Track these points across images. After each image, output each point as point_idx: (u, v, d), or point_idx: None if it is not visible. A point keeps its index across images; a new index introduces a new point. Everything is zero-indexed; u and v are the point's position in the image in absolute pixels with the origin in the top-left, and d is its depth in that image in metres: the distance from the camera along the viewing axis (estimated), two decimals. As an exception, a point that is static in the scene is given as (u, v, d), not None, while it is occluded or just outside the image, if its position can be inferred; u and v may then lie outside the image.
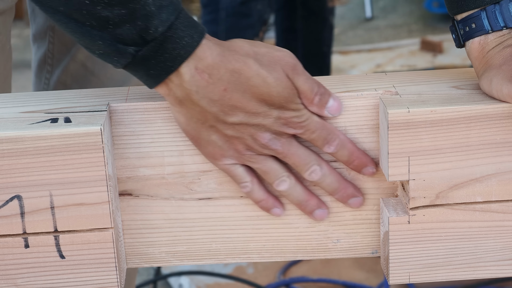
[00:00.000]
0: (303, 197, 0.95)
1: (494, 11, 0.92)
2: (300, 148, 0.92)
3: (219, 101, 0.87)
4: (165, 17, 0.84)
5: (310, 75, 0.91)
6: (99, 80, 1.31)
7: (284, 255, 0.99)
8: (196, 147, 0.92)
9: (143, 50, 0.84)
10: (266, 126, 0.89)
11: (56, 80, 1.32)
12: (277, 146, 0.90)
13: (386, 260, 0.95)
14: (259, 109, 0.88)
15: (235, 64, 0.87)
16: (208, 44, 0.86)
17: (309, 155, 0.92)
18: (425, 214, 0.92)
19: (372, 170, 0.94)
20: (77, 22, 0.83)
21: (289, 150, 0.91)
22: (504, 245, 0.94)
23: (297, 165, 0.92)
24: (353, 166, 0.94)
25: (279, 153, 0.91)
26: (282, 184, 0.93)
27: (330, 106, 0.92)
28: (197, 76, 0.86)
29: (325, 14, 3.12)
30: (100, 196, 0.90)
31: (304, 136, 0.91)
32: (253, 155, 0.91)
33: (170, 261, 0.99)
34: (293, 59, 0.90)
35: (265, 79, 0.87)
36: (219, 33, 2.88)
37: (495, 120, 0.89)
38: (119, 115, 0.93)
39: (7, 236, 0.91)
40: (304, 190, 0.94)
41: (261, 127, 0.89)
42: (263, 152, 0.91)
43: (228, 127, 0.89)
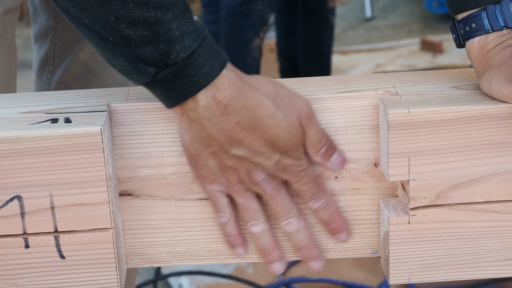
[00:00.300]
0: (269, 245, 0.96)
1: (494, 11, 0.92)
2: (286, 196, 0.93)
3: (229, 132, 0.88)
4: (188, 44, 0.84)
5: (321, 127, 0.93)
6: (101, 80, 1.31)
7: (284, 256, 0.99)
8: (190, 165, 0.93)
9: (163, 73, 0.85)
10: (265, 167, 0.90)
11: (57, 80, 1.32)
12: (268, 187, 0.92)
13: (386, 260, 0.95)
14: (264, 150, 0.89)
15: (253, 101, 0.87)
16: (229, 76, 0.87)
17: (292, 207, 0.94)
18: (425, 214, 0.92)
19: (345, 238, 0.97)
20: (100, 36, 0.84)
21: (276, 195, 0.92)
22: (504, 245, 0.94)
23: (278, 211, 0.94)
24: (329, 228, 0.96)
25: (266, 194, 0.92)
26: (256, 226, 0.95)
27: (334, 159, 0.93)
28: (213, 105, 0.86)
29: (326, 14, 3.12)
30: (100, 196, 0.90)
31: (295, 185, 0.93)
32: (241, 189, 0.92)
33: (170, 261, 0.99)
34: (310, 108, 0.91)
35: (279, 122, 0.88)
36: (219, 33, 2.88)
37: (495, 121, 0.89)
38: (119, 116, 0.93)
39: (7, 237, 0.91)
40: (272, 239, 0.96)
41: (259, 166, 0.90)
42: (252, 188, 0.92)
43: (228, 158, 0.90)
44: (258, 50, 2.93)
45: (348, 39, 4.74)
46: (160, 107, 0.93)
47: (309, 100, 0.92)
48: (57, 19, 1.29)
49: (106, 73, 1.31)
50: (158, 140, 0.94)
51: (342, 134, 0.95)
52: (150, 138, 0.94)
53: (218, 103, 0.86)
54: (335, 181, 0.96)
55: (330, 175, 0.96)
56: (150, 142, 0.94)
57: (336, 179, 0.96)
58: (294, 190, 0.94)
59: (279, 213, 0.94)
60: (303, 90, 0.94)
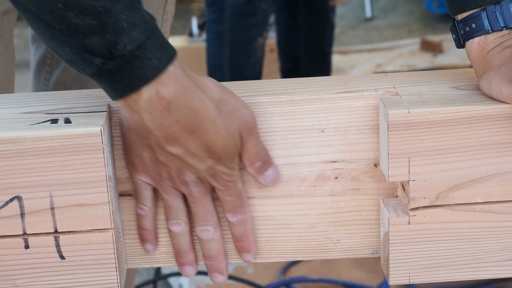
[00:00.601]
0: (185, 247, 0.96)
1: (494, 11, 0.92)
2: (210, 204, 0.93)
3: (167, 129, 0.87)
4: (135, 36, 0.83)
5: (262, 141, 0.93)
6: None
7: (284, 256, 0.99)
8: (123, 150, 0.93)
9: (109, 64, 0.84)
10: (197, 170, 0.90)
11: (55, 81, 1.32)
12: (195, 190, 0.91)
13: (386, 261, 0.95)
14: (199, 153, 0.89)
15: (197, 102, 0.87)
16: (176, 72, 0.86)
17: (213, 215, 0.94)
18: (425, 215, 0.92)
19: (250, 259, 0.97)
20: (46, 25, 0.83)
21: (201, 199, 0.92)
22: (504, 245, 0.94)
23: (198, 215, 0.94)
24: (239, 245, 0.96)
25: (192, 196, 0.92)
26: (176, 226, 0.94)
27: (268, 175, 0.93)
28: (155, 100, 0.86)
29: (327, 12, 3.12)
30: (100, 197, 0.89)
31: (221, 193, 0.93)
32: (169, 186, 0.92)
33: (170, 262, 0.99)
34: (253, 120, 0.91)
35: (218, 129, 0.88)
36: (223, 32, 2.88)
37: (495, 121, 0.89)
38: (119, 116, 0.93)
39: (7, 237, 0.90)
40: (190, 242, 0.96)
41: (191, 168, 0.90)
42: (180, 188, 0.92)
43: (163, 154, 0.89)
44: (261, 49, 2.94)
45: (348, 39, 4.74)
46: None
47: (253, 112, 0.91)
48: None
49: None
50: (158, 140, 0.94)
51: (342, 134, 0.94)
52: (150, 138, 0.94)
53: (161, 99, 0.85)
54: (335, 181, 0.96)
55: (330, 175, 0.96)
56: (150, 142, 0.94)
57: (336, 179, 0.96)
58: (217, 199, 0.94)
59: (199, 217, 0.94)
60: (303, 90, 0.94)
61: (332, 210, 0.97)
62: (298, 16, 3.10)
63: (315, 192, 0.96)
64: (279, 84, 0.98)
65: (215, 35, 2.90)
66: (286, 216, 0.97)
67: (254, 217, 0.97)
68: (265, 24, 2.92)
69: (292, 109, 0.94)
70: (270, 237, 0.98)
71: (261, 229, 0.98)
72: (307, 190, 0.96)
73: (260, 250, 0.99)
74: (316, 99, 0.93)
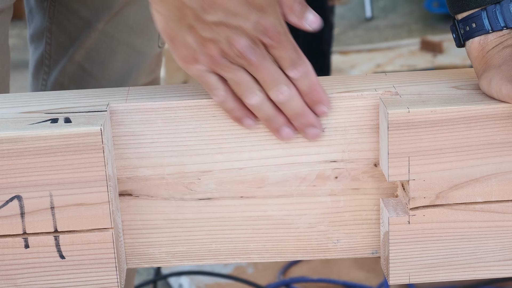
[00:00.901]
0: (272, 112, 0.92)
1: (494, 11, 0.93)
2: (273, 65, 0.89)
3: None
4: None
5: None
6: (96, 81, 1.31)
7: (284, 256, 0.99)
8: (170, 48, 0.90)
9: None
10: (245, 30, 0.86)
11: (53, 81, 1.32)
12: (252, 55, 0.88)
13: (386, 260, 0.95)
14: (239, 9, 0.85)
15: None
16: None
17: (280, 74, 0.90)
18: (425, 214, 0.92)
19: (325, 110, 0.93)
20: None
21: (262, 63, 0.89)
22: (504, 245, 0.94)
23: (266, 81, 0.90)
24: (309, 100, 0.92)
25: (252, 63, 0.88)
26: (253, 97, 0.90)
27: (310, 18, 0.90)
28: None
29: (326, 13, 3.13)
30: (100, 196, 0.90)
31: (275, 51, 0.89)
32: (226, 63, 0.88)
33: (170, 262, 0.99)
34: None
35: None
36: None
37: (495, 120, 0.89)
38: (119, 115, 0.93)
39: (7, 236, 0.91)
40: (273, 106, 0.92)
41: (239, 31, 0.86)
42: (237, 61, 0.88)
43: (205, 28, 0.86)
44: None
45: (348, 39, 4.74)
46: (160, 107, 0.93)
47: None
48: (51, 20, 1.29)
49: (101, 74, 1.31)
50: (158, 140, 0.94)
51: (342, 134, 0.95)
52: (149, 138, 0.94)
53: None
54: (335, 181, 0.96)
55: (330, 175, 0.96)
56: (150, 142, 0.94)
57: (336, 179, 0.96)
58: (273, 58, 0.90)
59: (269, 82, 0.90)
60: (303, 90, 0.94)
61: (332, 209, 0.97)
62: (297, 16, 3.10)
63: (315, 191, 0.96)
64: (279, 83, 0.97)
65: None
66: (286, 215, 0.97)
67: (256, 217, 0.97)
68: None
69: (292, 109, 0.94)
70: (270, 237, 0.98)
71: (260, 228, 0.98)
72: (307, 190, 0.96)
73: (260, 250, 0.99)
74: (316, 99, 0.93)
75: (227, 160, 0.95)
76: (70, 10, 1.27)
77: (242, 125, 0.93)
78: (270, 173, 0.96)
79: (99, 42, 1.28)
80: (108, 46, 1.28)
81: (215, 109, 0.93)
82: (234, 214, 0.97)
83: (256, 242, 0.98)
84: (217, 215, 0.97)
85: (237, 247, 0.98)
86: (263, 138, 0.94)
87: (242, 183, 0.96)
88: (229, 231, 0.97)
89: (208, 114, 0.94)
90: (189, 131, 0.94)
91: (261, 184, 0.96)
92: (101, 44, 1.28)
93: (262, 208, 0.97)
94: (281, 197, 0.96)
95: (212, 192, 0.96)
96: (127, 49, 1.29)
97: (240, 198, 0.97)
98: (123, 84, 1.30)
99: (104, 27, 1.27)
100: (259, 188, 0.96)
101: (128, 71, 1.30)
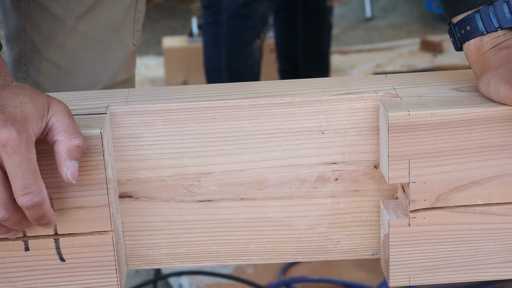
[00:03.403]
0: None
1: (487, 12, 0.93)
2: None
3: None
4: None
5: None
6: (73, 80, 1.29)
7: (284, 257, 0.99)
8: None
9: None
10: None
11: (32, 81, 1.30)
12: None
13: (387, 262, 0.95)
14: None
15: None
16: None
17: (7, 195, 0.82)
18: (425, 217, 0.92)
19: (50, 227, 0.87)
20: None
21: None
22: (505, 247, 0.94)
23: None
24: (37, 224, 0.85)
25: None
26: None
27: (71, 170, 0.84)
28: None
29: (325, 13, 3.12)
30: (100, 199, 0.89)
31: (8, 162, 0.82)
32: None
33: (170, 263, 0.99)
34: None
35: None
36: (220, 34, 2.88)
37: (496, 123, 0.89)
38: (119, 118, 0.93)
39: (7, 239, 0.90)
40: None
41: None
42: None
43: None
44: (259, 51, 2.93)
45: (348, 39, 4.74)
46: (160, 109, 0.93)
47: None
48: (26, 18, 1.28)
49: (77, 71, 1.30)
50: (158, 142, 0.94)
51: (342, 136, 0.94)
52: (149, 140, 0.94)
53: None
54: (335, 182, 0.96)
55: (330, 177, 0.96)
56: (150, 144, 0.94)
57: (336, 181, 0.96)
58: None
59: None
60: (303, 92, 0.95)
61: (332, 211, 0.97)
62: (296, 17, 3.10)
63: (315, 193, 0.96)
64: (279, 85, 0.98)
65: (212, 38, 2.90)
66: (286, 217, 0.97)
67: (256, 219, 0.97)
68: (263, 26, 2.92)
69: (292, 111, 0.94)
70: (270, 239, 0.98)
71: (261, 230, 0.98)
72: (307, 192, 0.96)
73: (260, 252, 0.99)
74: (316, 101, 0.93)
75: (227, 162, 0.95)
76: (44, 7, 1.26)
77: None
78: (270, 175, 0.96)
79: (73, 40, 1.27)
80: (82, 43, 1.28)
81: (215, 111, 0.93)
82: (234, 216, 0.97)
83: (256, 244, 0.98)
84: (217, 217, 0.97)
85: (237, 248, 0.98)
86: (263, 140, 0.94)
87: (242, 185, 0.96)
88: (229, 233, 0.97)
89: (208, 116, 0.94)
90: (189, 133, 0.94)
91: (261, 186, 0.96)
92: (75, 42, 1.27)
93: (262, 210, 0.97)
94: (281, 199, 0.96)
95: (212, 194, 0.96)
96: (101, 47, 1.29)
97: (240, 200, 0.97)
98: (99, 82, 1.29)
99: (78, 24, 1.26)
100: (259, 190, 0.96)
101: (104, 68, 1.30)
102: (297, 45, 3.12)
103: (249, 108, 0.93)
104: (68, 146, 0.84)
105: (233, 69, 2.85)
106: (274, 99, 0.94)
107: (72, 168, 0.83)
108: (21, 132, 0.81)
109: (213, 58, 2.91)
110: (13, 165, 0.81)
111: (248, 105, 0.93)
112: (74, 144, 0.84)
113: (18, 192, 0.81)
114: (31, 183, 0.81)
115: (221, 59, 2.87)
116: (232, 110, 0.94)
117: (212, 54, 2.91)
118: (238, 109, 0.94)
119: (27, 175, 0.81)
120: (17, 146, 0.81)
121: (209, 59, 2.93)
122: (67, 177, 0.83)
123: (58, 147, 0.84)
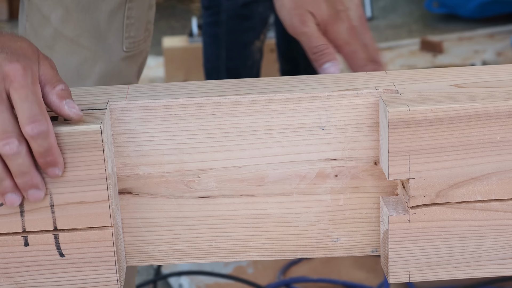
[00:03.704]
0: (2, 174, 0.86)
1: None
2: (4, 112, 0.84)
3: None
4: None
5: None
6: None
7: (284, 254, 0.99)
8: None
9: None
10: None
11: None
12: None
13: (386, 259, 0.95)
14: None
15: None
16: None
17: (12, 125, 0.84)
18: (425, 213, 0.92)
19: (58, 173, 0.88)
20: None
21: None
22: (504, 244, 0.94)
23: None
24: (43, 160, 0.86)
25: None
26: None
27: (71, 104, 0.88)
28: None
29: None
30: (100, 194, 0.89)
31: (15, 94, 0.84)
32: None
33: (169, 259, 0.99)
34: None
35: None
36: (220, 35, 2.88)
37: (496, 119, 0.89)
38: (119, 113, 0.93)
39: (6, 235, 0.90)
40: (2, 165, 0.85)
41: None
42: None
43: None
44: (259, 52, 2.94)
45: (348, 39, 4.74)
46: (160, 105, 0.93)
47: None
48: (27, 17, 1.28)
49: (64, 75, 1.28)
50: (158, 138, 0.94)
51: (342, 132, 0.94)
52: (149, 136, 0.94)
53: None
54: (335, 179, 0.96)
55: (330, 173, 0.96)
56: (149, 140, 0.94)
57: (336, 177, 0.96)
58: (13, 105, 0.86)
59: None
60: (303, 88, 0.95)
61: (332, 208, 0.97)
62: (297, 17, 3.10)
63: (315, 190, 0.96)
64: (279, 82, 0.98)
65: (211, 38, 2.91)
66: (286, 214, 0.97)
67: (256, 215, 0.97)
68: (263, 27, 2.92)
69: (292, 107, 0.94)
70: (270, 235, 0.98)
71: (260, 227, 0.98)
72: (307, 188, 0.96)
73: (260, 248, 0.99)
74: (316, 97, 0.93)
75: (227, 158, 0.95)
76: (37, 7, 1.26)
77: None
78: (270, 171, 0.96)
79: (57, 43, 1.26)
80: (69, 47, 1.27)
81: (215, 107, 0.93)
82: (234, 212, 0.97)
83: (256, 240, 0.98)
84: (217, 213, 0.97)
85: (236, 245, 0.98)
86: (263, 136, 0.94)
87: (242, 181, 0.96)
88: (229, 229, 0.97)
89: (208, 112, 0.94)
90: (189, 129, 0.94)
91: (261, 182, 0.96)
92: (62, 46, 1.27)
93: (262, 206, 0.97)
94: (281, 195, 0.96)
95: (212, 190, 0.96)
96: (88, 53, 1.28)
97: (240, 196, 0.96)
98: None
99: (63, 29, 1.26)
100: (259, 186, 0.96)
101: (92, 75, 1.28)
102: (298, 45, 3.12)
103: (249, 104, 0.93)
104: (56, 92, 0.88)
105: (232, 69, 2.85)
106: (274, 95, 0.94)
107: (70, 104, 0.87)
108: (27, 68, 0.86)
109: (212, 58, 2.91)
110: (20, 98, 0.84)
111: (248, 101, 0.93)
112: (59, 89, 0.88)
113: (24, 121, 0.84)
114: (37, 113, 0.84)
115: (220, 60, 2.87)
116: (232, 106, 0.94)
117: (211, 54, 2.92)
118: (238, 105, 0.94)
119: (33, 106, 0.84)
120: (24, 80, 0.85)
121: (208, 60, 2.94)
122: (72, 112, 0.87)
123: (48, 97, 0.88)
